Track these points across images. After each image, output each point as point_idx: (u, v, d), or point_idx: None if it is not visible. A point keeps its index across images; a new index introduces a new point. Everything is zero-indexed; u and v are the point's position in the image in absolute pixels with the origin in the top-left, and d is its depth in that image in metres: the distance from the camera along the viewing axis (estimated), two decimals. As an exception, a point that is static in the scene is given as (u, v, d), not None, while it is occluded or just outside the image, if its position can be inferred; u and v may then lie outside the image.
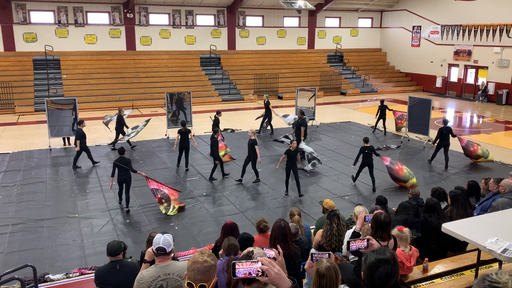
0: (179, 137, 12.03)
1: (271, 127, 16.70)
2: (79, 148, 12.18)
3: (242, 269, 2.09)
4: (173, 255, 4.07)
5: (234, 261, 2.12)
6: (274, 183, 11.21)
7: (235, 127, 17.38)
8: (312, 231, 6.69)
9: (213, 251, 5.29)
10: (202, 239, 8.16)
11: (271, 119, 16.56)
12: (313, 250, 5.37)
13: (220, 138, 12.87)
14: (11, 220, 9.00)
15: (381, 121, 16.60)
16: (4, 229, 8.59)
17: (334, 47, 30.15)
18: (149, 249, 3.99)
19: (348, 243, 3.54)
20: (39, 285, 6.11)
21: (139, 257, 5.79)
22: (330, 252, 3.81)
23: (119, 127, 14.22)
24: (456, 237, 4.35)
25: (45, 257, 7.57)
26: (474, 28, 25.00)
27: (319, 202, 7.01)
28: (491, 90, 24.53)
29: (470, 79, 26.34)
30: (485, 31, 24.44)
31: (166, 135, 15.84)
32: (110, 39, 24.49)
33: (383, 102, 16.63)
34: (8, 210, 9.47)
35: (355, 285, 3.77)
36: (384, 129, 16.70)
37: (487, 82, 24.81)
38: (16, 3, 22.29)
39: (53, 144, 14.46)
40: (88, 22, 23.99)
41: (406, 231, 4.78)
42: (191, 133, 12.37)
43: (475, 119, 21.11)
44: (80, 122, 12.54)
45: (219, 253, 4.79)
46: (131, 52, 24.97)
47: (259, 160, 11.00)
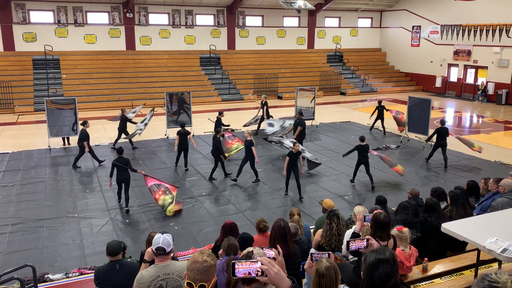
0: (179, 138, 12.04)
1: (259, 127, 16.66)
2: (88, 149, 12.27)
3: (242, 269, 2.09)
4: (172, 255, 4.07)
5: (233, 261, 2.12)
6: (273, 183, 11.21)
7: (235, 127, 17.36)
8: (311, 231, 6.69)
9: (213, 251, 5.29)
10: (202, 239, 8.16)
11: (263, 119, 16.51)
12: (312, 250, 5.36)
13: (230, 135, 13.03)
14: (11, 220, 9.00)
15: (379, 121, 16.62)
16: (4, 229, 8.59)
17: (333, 47, 30.15)
18: (149, 249, 3.99)
19: (348, 243, 3.54)
20: (38, 285, 6.10)
21: (138, 257, 5.79)
22: (330, 252, 3.82)
23: (122, 127, 14.22)
24: (455, 237, 4.35)
25: (44, 257, 7.57)
26: (474, 28, 25.01)
27: (319, 202, 7.02)
28: (490, 90, 24.53)
29: (470, 79, 26.34)
30: (484, 31, 24.44)
31: (166, 135, 15.84)
32: (110, 39, 24.48)
33: (380, 103, 16.65)
34: (7, 210, 9.47)
35: (355, 285, 3.77)
36: (383, 129, 16.69)
37: (487, 82, 24.81)
38: (15, 3, 22.27)
39: (52, 144, 14.46)
40: (87, 21, 23.98)
41: (406, 231, 4.78)
42: (190, 135, 12.35)
43: (474, 119, 21.13)
44: (85, 123, 12.57)
45: (219, 253, 4.78)
46: (130, 52, 24.96)
47: (256, 161, 11.03)
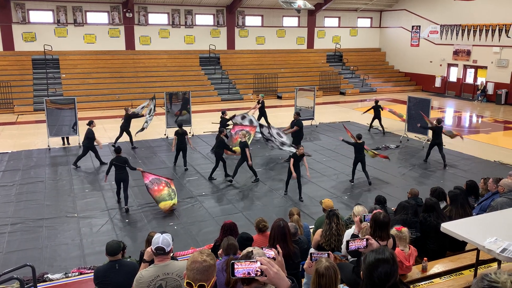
0: (176, 138, 12.14)
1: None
2: (101, 146, 12.87)
3: (241, 269, 2.09)
4: (172, 254, 4.07)
5: (233, 261, 2.12)
6: (273, 183, 11.21)
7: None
8: (311, 230, 6.69)
9: (212, 251, 5.29)
10: (201, 238, 8.16)
11: (267, 117, 16.51)
12: (312, 250, 5.36)
13: (237, 130, 13.13)
14: (10, 219, 9.00)
15: (377, 121, 16.62)
16: (3, 228, 8.59)
17: (333, 47, 30.14)
18: (148, 249, 3.99)
19: (347, 242, 3.54)
20: (38, 284, 6.10)
21: (138, 256, 5.79)
22: (329, 252, 3.82)
23: (125, 126, 14.21)
24: (455, 237, 4.35)
25: (44, 257, 7.56)
26: (473, 28, 25.01)
27: (320, 202, 7.02)
28: (490, 90, 24.54)
29: (469, 79, 26.34)
30: (484, 31, 24.45)
31: (166, 134, 15.83)
32: (109, 39, 24.46)
33: (377, 102, 16.66)
34: (7, 210, 9.46)
35: (354, 284, 3.77)
36: (382, 128, 16.70)
37: (486, 82, 24.82)
38: (15, 3, 22.25)
39: (52, 143, 14.45)
40: (87, 21, 23.96)
41: (405, 230, 4.78)
42: (187, 135, 12.41)
43: (474, 119, 21.14)
44: (90, 123, 12.64)
45: (218, 252, 4.78)
46: (130, 52, 24.95)
47: (249, 163, 10.97)
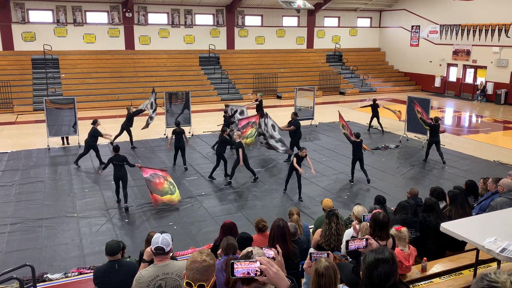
0: (173, 137, 12.24)
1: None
2: (111, 138, 13.20)
3: (241, 268, 2.09)
4: (171, 254, 4.07)
5: (232, 261, 2.11)
6: (273, 183, 11.21)
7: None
8: (311, 230, 6.69)
9: (212, 251, 5.28)
10: (201, 238, 8.16)
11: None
12: (312, 250, 5.36)
13: (244, 123, 13.28)
14: (10, 219, 9.00)
15: (375, 120, 16.62)
16: (3, 228, 8.58)
17: (333, 47, 30.13)
18: (148, 249, 3.99)
19: (347, 242, 3.54)
20: (37, 284, 6.10)
21: (137, 256, 5.79)
22: (329, 251, 3.82)
23: (126, 125, 14.21)
24: (454, 237, 4.35)
25: (43, 257, 7.56)
26: (473, 28, 25.01)
27: (321, 201, 7.02)
28: (489, 89, 24.54)
29: (469, 79, 26.34)
30: (483, 31, 24.45)
31: (165, 134, 15.82)
32: (109, 39, 24.45)
33: (375, 101, 16.66)
34: (6, 210, 9.46)
35: (354, 284, 3.77)
36: (381, 127, 16.71)
37: (486, 82, 24.82)
38: (14, 2, 22.23)
39: (51, 143, 14.44)
40: (87, 21, 23.94)
41: (404, 230, 4.79)
42: (185, 134, 12.45)
43: (473, 119, 21.15)
44: (95, 122, 12.67)
45: (218, 252, 4.78)
46: (130, 52, 24.93)
47: (240, 164, 10.78)
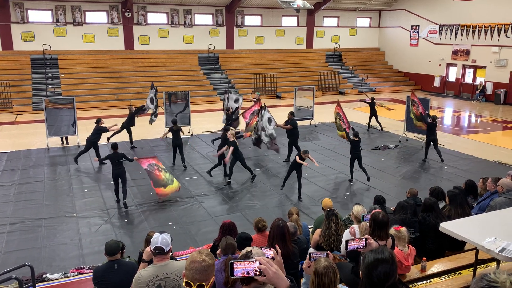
0: (170, 134, 12.44)
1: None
2: (117, 128, 13.54)
3: (240, 268, 2.09)
4: (171, 254, 4.07)
5: (232, 261, 2.11)
6: (272, 183, 11.20)
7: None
8: (310, 230, 6.69)
9: (211, 251, 5.28)
10: (200, 238, 8.16)
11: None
12: (311, 250, 5.37)
13: (249, 114, 13.51)
14: (9, 219, 8.99)
15: (374, 119, 16.63)
16: (2, 228, 8.57)
17: (332, 47, 30.13)
18: (147, 249, 3.99)
19: (347, 242, 3.54)
20: (37, 284, 6.09)
21: (137, 256, 5.78)
22: (328, 251, 3.82)
23: (127, 124, 14.21)
24: (454, 237, 4.35)
25: (43, 257, 7.55)
26: (472, 28, 25.02)
27: (320, 201, 7.02)
28: (489, 89, 24.54)
29: (468, 79, 26.35)
30: (483, 31, 24.46)
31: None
32: (108, 38, 24.43)
33: (373, 100, 16.68)
34: (6, 210, 9.45)
35: (353, 284, 3.77)
36: (380, 125, 16.72)
37: (485, 82, 24.83)
38: (14, 2, 22.21)
39: (51, 143, 14.42)
40: (86, 21, 23.92)
41: (403, 230, 4.79)
42: (181, 130, 12.57)
43: (473, 119, 21.16)
44: (99, 120, 12.72)
45: (217, 252, 4.78)
46: (129, 51, 24.91)
47: (226, 159, 10.90)
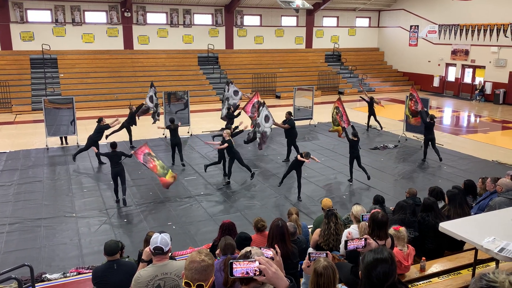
0: (168, 131, 12.68)
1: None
2: (119, 122, 13.43)
3: (240, 268, 2.09)
4: (170, 254, 4.07)
5: (231, 261, 2.11)
6: (271, 183, 11.20)
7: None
8: (310, 230, 6.69)
9: (211, 251, 5.29)
10: (200, 238, 8.15)
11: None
12: (310, 250, 5.37)
13: (251, 107, 14.15)
14: (8, 219, 8.98)
15: (372, 118, 16.62)
16: (1, 228, 8.57)
17: (331, 47, 30.14)
18: (147, 249, 3.99)
19: (346, 242, 3.54)
20: (36, 284, 6.09)
21: (136, 256, 5.78)
22: (328, 251, 3.82)
23: (128, 123, 14.21)
24: (453, 236, 4.35)
25: (42, 257, 7.55)
26: (472, 28, 25.04)
27: (320, 201, 7.02)
28: (488, 89, 24.56)
29: (468, 79, 26.36)
30: (482, 31, 24.48)
31: (164, 134, 15.81)
32: (108, 38, 24.42)
33: (372, 99, 16.68)
34: (5, 210, 9.44)
35: (353, 284, 3.77)
36: (379, 124, 16.72)
37: (484, 82, 24.85)
38: (13, 2, 22.18)
39: (50, 143, 14.41)
40: (85, 21, 23.91)
41: (403, 230, 4.79)
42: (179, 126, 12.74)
43: (472, 119, 21.17)
44: (100, 120, 12.70)
45: (216, 252, 4.78)
46: (128, 51, 24.90)
47: (215, 147, 11.59)
